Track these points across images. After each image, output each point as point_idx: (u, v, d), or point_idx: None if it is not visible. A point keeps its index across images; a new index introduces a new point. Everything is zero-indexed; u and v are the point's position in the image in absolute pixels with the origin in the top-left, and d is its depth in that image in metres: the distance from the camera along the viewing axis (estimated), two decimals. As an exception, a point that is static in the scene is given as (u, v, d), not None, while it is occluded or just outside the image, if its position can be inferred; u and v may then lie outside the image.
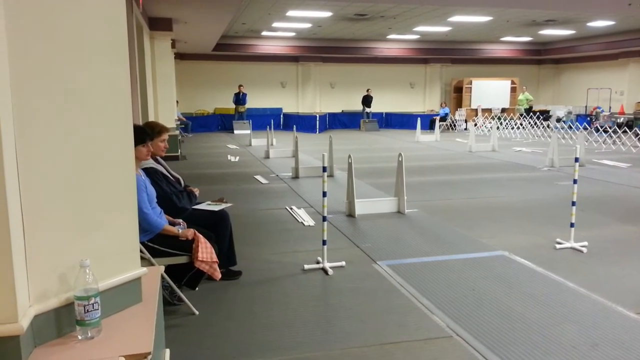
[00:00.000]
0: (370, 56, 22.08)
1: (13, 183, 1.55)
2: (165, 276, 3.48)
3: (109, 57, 1.85)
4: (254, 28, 17.57)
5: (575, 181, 5.14)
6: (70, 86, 1.73)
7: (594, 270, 4.52)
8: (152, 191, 3.61)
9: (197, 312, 3.60)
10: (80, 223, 1.79)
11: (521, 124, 18.73)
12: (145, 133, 3.56)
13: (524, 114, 20.44)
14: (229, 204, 4.37)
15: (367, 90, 21.60)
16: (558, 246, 5.13)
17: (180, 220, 3.80)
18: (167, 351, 2.61)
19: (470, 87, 23.26)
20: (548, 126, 19.03)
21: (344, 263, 4.61)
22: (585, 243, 5.09)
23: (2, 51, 1.51)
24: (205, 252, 3.56)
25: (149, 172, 3.84)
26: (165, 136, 3.98)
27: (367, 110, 21.50)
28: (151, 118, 10.64)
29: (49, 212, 1.69)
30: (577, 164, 5.25)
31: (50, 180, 1.69)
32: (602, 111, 20.42)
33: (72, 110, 1.74)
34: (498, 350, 3.09)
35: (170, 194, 3.97)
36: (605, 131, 15.91)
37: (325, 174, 4.74)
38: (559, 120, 20.04)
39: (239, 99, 20.10)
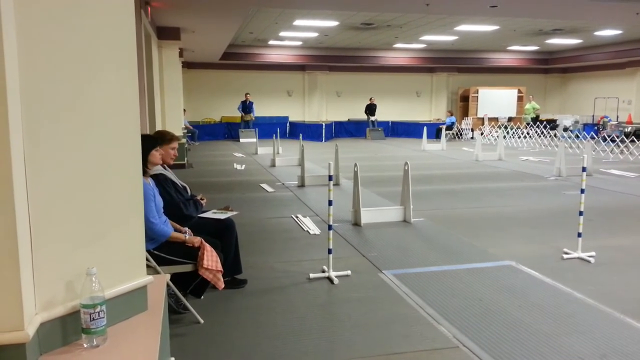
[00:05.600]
0: (376, 65, 22.15)
1: (21, 191, 1.56)
2: (171, 284, 3.48)
3: (117, 66, 1.87)
4: (261, 37, 17.68)
5: (582, 191, 5.11)
6: (78, 94, 1.75)
7: (602, 280, 4.48)
8: (160, 201, 3.64)
9: (202, 321, 3.59)
10: (87, 231, 1.80)
11: (528, 133, 18.68)
12: (156, 138, 3.79)
13: (531, 123, 20.38)
14: (234, 212, 4.38)
15: (370, 99, 21.61)
16: (565, 256, 5.09)
17: (186, 229, 3.80)
18: (172, 360, 2.61)
19: (477, 96, 23.25)
20: (555, 135, 18.97)
21: (349, 272, 4.60)
22: (593, 253, 5.05)
23: (13, 61, 1.52)
24: (211, 260, 3.56)
25: (159, 179, 3.87)
26: (176, 144, 4.08)
27: (372, 118, 21.51)
28: (159, 126, 10.70)
29: (56, 220, 1.70)
30: (585, 173, 5.22)
31: (58, 188, 1.70)
32: (610, 120, 20.33)
33: (81, 119, 1.76)
34: (505, 362, 3.06)
35: (178, 201, 4.01)
36: (613, 140, 15.84)
37: (331, 182, 4.73)
38: (566, 129, 19.96)
39: (246, 107, 20.15)
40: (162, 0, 9.19)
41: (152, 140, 3.63)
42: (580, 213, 5.10)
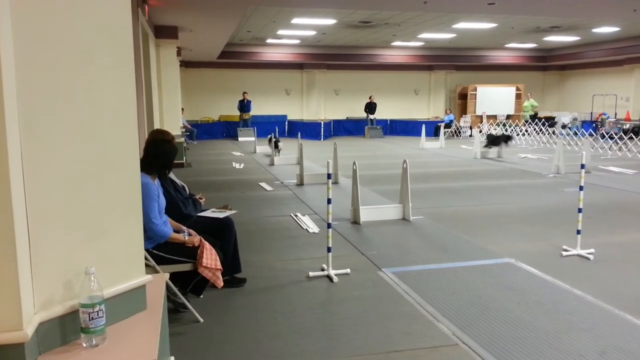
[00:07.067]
0: (374, 63, 22.12)
1: (19, 190, 1.56)
2: (170, 283, 3.48)
3: (115, 65, 1.86)
4: (259, 36, 17.66)
5: (581, 188, 5.12)
6: (75, 93, 1.74)
7: (601, 277, 4.49)
8: (163, 201, 3.64)
9: (201, 320, 3.59)
10: (85, 230, 1.79)
11: (526, 131, 18.69)
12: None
13: (529, 120, 20.39)
14: (233, 211, 4.38)
15: (370, 98, 21.62)
16: (564, 253, 5.09)
17: (185, 228, 3.80)
18: (172, 359, 2.60)
19: (475, 94, 23.26)
20: (553, 133, 18.98)
21: (348, 270, 4.60)
22: (592, 250, 5.06)
23: (9, 59, 1.51)
24: (210, 258, 3.56)
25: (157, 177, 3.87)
26: None
27: (371, 117, 21.51)
28: (156, 125, 10.68)
29: (54, 220, 1.70)
30: (583, 170, 5.22)
31: (56, 187, 1.69)
32: (608, 117, 20.34)
33: (78, 117, 1.75)
34: (504, 359, 3.06)
35: (177, 200, 4.01)
36: (611, 137, 15.85)
37: (330, 180, 4.73)
38: (564, 126, 19.97)
39: (243, 105, 20.19)
40: (160, -2, 9.17)
41: (175, 147, 3.78)
42: (579, 210, 5.11)
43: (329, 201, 4.62)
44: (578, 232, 5.11)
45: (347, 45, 20.23)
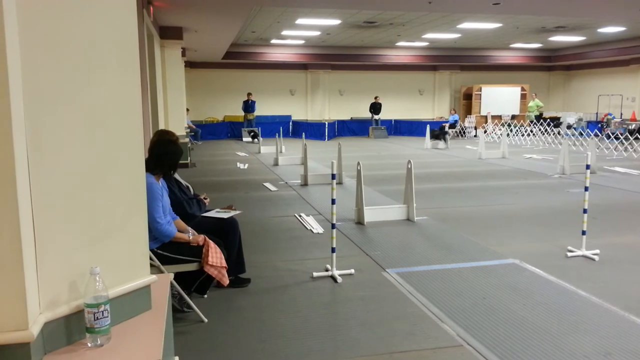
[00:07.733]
0: (379, 63, 22.12)
1: (24, 191, 1.56)
2: (175, 283, 3.49)
3: (120, 65, 1.87)
4: (264, 36, 17.68)
5: (586, 188, 5.10)
6: (81, 93, 1.75)
7: (606, 278, 4.47)
8: (167, 201, 3.65)
9: (206, 320, 3.60)
10: (90, 231, 1.80)
11: (531, 131, 18.63)
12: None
13: (534, 120, 20.32)
14: (237, 212, 4.39)
15: (375, 98, 21.62)
16: (569, 254, 5.07)
17: (190, 229, 3.81)
18: (176, 359, 2.61)
19: (480, 94, 23.20)
20: (559, 133, 18.91)
21: (353, 271, 4.60)
22: (597, 251, 5.04)
23: (15, 59, 1.52)
24: (215, 256, 3.57)
25: (163, 177, 3.88)
26: None
27: (376, 117, 21.50)
28: (161, 126, 10.71)
29: (60, 220, 1.70)
30: (588, 171, 5.21)
31: (61, 187, 1.70)
32: (613, 118, 20.24)
33: (83, 117, 1.76)
34: (509, 360, 3.06)
35: (181, 199, 4.02)
36: (617, 138, 15.78)
37: (334, 181, 4.73)
38: (569, 127, 19.90)
39: (248, 106, 20.24)
40: (165, -1, 9.20)
41: (179, 147, 3.75)
42: (584, 211, 5.09)
43: (333, 201, 4.63)
44: (583, 232, 5.09)
45: (352, 45, 20.22)
